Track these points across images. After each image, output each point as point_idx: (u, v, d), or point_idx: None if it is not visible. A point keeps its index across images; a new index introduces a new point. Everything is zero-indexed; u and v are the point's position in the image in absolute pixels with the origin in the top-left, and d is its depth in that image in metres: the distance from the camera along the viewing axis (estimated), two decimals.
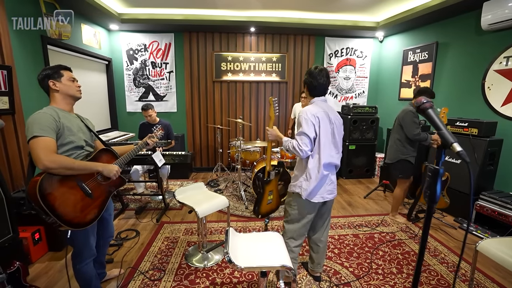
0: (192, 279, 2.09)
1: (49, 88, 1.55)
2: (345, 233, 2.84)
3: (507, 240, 1.73)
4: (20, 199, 2.27)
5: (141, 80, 4.75)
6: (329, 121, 1.77)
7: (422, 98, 0.81)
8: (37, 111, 1.48)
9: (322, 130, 1.72)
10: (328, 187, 1.82)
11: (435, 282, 2.08)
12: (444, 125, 0.73)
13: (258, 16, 4.24)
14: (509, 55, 2.95)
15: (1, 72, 2.40)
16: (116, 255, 2.38)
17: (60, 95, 1.57)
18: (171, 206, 3.47)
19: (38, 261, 2.29)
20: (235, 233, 1.69)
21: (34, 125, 1.39)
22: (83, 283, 1.71)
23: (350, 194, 4.01)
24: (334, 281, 2.09)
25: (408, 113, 2.80)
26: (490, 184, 3.10)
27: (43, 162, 1.35)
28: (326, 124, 1.75)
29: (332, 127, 1.78)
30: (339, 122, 1.86)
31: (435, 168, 0.71)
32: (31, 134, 1.38)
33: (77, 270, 1.65)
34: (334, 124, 1.79)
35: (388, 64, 4.94)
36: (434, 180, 0.72)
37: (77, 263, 1.64)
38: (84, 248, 1.62)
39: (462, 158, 0.67)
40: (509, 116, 2.98)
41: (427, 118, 0.79)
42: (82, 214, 1.49)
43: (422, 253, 0.87)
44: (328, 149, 1.76)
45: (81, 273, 1.66)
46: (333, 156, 1.79)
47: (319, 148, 1.73)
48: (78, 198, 1.48)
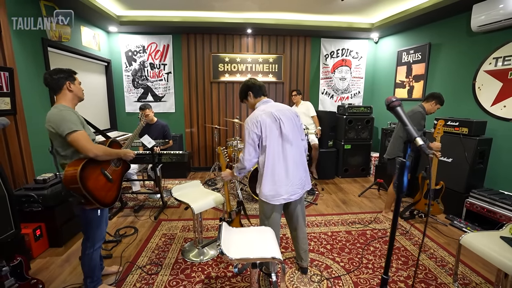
0: (188, 273, 2.16)
1: (62, 88, 1.69)
2: (338, 230, 2.91)
3: (489, 234, 1.80)
4: (22, 197, 2.34)
5: (139, 81, 4.83)
6: (274, 119, 1.81)
7: (391, 97, 0.89)
8: (56, 109, 1.63)
9: (267, 131, 1.79)
10: (289, 188, 1.85)
11: (422, 276, 2.16)
12: (410, 122, 0.81)
13: (254, 18, 4.32)
14: (499, 56, 3.03)
15: (3, 74, 2.47)
16: (115, 251, 2.46)
17: (72, 95, 1.73)
18: (168, 204, 3.55)
19: (39, 257, 2.36)
20: (228, 228, 1.76)
21: (67, 122, 1.58)
22: (89, 269, 1.83)
23: (345, 192, 4.09)
24: (325, 275, 2.16)
25: (417, 113, 2.89)
26: (480, 182, 3.18)
27: (92, 151, 1.63)
28: (269, 124, 1.80)
29: (278, 123, 1.81)
30: (289, 115, 1.88)
31: (402, 161, 0.79)
32: (70, 129, 1.57)
33: (88, 255, 1.80)
34: (280, 120, 1.82)
35: (383, 64, 5.01)
36: (402, 172, 0.79)
37: (90, 247, 1.80)
38: (97, 230, 1.81)
39: (423, 151, 0.74)
40: (499, 116, 3.05)
41: (395, 114, 0.87)
42: (108, 195, 1.78)
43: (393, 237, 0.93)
44: (277, 146, 1.82)
45: (91, 259, 1.81)
46: (287, 149, 1.83)
47: (268, 148, 1.80)
48: (104, 182, 1.77)
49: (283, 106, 1.94)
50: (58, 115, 1.61)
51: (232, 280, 2.09)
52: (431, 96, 2.96)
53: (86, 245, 1.81)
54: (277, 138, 1.82)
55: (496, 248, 1.63)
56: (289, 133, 1.84)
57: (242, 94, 2.00)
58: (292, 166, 1.86)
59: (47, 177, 2.53)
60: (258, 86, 1.95)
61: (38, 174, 2.76)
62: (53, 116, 1.61)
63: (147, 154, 3.20)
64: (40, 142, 2.99)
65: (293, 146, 1.86)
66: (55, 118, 1.60)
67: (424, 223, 3.07)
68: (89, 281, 1.86)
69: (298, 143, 1.91)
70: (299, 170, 1.91)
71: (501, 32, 2.98)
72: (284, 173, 1.84)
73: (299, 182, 1.91)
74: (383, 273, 0.93)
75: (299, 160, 1.91)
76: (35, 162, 2.85)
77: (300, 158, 1.92)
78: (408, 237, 2.77)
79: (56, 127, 1.60)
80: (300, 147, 1.93)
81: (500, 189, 3.00)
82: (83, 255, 1.82)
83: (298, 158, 1.91)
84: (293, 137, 1.86)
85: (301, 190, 1.94)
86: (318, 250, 2.51)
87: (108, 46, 4.65)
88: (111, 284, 2.01)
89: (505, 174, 3.01)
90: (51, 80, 1.68)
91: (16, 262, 1.69)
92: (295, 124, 1.90)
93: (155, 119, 3.76)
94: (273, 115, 1.82)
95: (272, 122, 1.81)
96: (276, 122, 1.82)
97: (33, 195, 2.34)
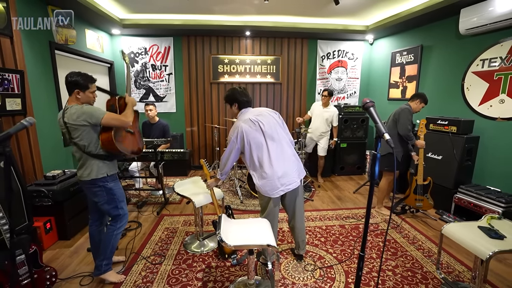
0: (189, 263, 2.30)
1: (72, 92, 1.87)
2: (332, 224, 3.06)
3: (468, 224, 1.94)
4: (33, 192, 2.48)
5: (141, 82, 4.97)
6: (253, 123, 1.98)
7: (366, 99, 1.03)
8: (79, 107, 1.84)
9: (250, 138, 1.96)
10: (284, 180, 2.00)
11: (410, 265, 2.30)
12: (380, 120, 0.95)
13: (253, 21, 4.46)
14: (485, 58, 3.17)
15: (15, 76, 2.62)
16: (120, 243, 2.59)
17: (80, 101, 1.91)
18: (170, 200, 3.69)
19: (49, 249, 2.50)
20: (227, 219, 1.91)
21: (96, 111, 1.84)
22: (111, 250, 2.04)
23: (341, 189, 4.23)
24: (318, 264, 2.30)
25: (405, 110, 3.05)
26: (468, 178, 3.32)
27: (128, 122, 1.94)
28: (251, 131, 1.96)
29: (257, 125, 1.98)
30: (266, 114, 2.06)
31: (374, 153, 0.93)
32: (102, 114, 1.84)
33: (114, 235, 2.02)
34: (259, 122, 1.98)
35: (378, 65, 5.16)
36: (374, 162, 0.93)
37: (118, 227, 2.04)
38: (124, 205, 2.06)
39: (389, 144, 0.88)
40: (485, 115, 3.19)
41: (368, 113, 1.01)
42: (135, 146, 2.16)
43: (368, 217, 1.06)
44: (262, 146, 1.97)
45: (116, 238, 2.04)
46: (271, 145, 1.98)
47: (254, 151, 1.97)
48: (130, 137, 2.12)
49: (261, 109, 2.12)
50: (88, 108, 1.83)
51: (231, 270, 2.23)
52: (416, 96, 3.13)
53: (116, 224, 2.03)
54: (260, 139, 1.97)
55: (473, 236, 1.77)
56: (269, 131, 2.00)
57: (228, 100, 2.16)
58: (281, 159, 2.01)
59: (56, 173, 2.67)
60: (246, 102, 2.11)
61: (46, 171, 2.90)
62: (83, 112, 1.80)
63: (150, 152, 3.34)
64: (48, 141, 3.14)
65: (275, 141, 2.02)
66: (86, 112, 1.80)
67: (414, 218, 3.23)
68: (105, 263, 2.03)
69: (281, 137, 2.06)
70: (289, 161, 2.05)
71: (487, 35, 3.12)
72: (273, 168, 1.97)
73: (292, 171, 2.05)
74: (360, 250, 1.08)
75: (286, 153, 2.06)
76: (43, 159, 3.00)
77: (287, 150, 2.07)
78: (398, 230, 2.92)
79: (90, 118, 1.81)
80: (284, 140, 2.08)
81: (487, 185, 3.14)
82: (110, 235, 2.01)
83: (286, 150, 2.06)
84: (275, 133, 2.03)
85: (297, 178, 2.08)
86: (313, 243, 2.66)
87: (111, 48, 4.79)
88: (118, 272, 2.15)
89: (492, 170, 3.15)
90: (67, 82, 1.85)
91: (31, 250, 1.83)
92: (275, 121, 2.07)
93: (157, 118, 3.90)
94: (251, 120, 1.99)
95: (253, 127, 1.98)
96: (255, 124, 1.98)
97: (43, 191, 2.49)
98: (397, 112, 3.13)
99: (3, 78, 2.50)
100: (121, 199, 2.05)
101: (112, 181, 1.98)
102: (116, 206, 2.01)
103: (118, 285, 2.03)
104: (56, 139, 3.32)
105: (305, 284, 2.06)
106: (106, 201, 1.97)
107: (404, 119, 3.01)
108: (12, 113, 2.61)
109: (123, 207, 2.06)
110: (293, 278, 2.12)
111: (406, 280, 2.11)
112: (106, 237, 2.03)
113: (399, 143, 3.09)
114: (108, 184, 1.94)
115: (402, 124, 3.01)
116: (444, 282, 2.07)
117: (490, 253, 1.57)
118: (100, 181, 1.90)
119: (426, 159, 3.45)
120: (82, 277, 2.12)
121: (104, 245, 2.01)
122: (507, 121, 2.97)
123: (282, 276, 2.14)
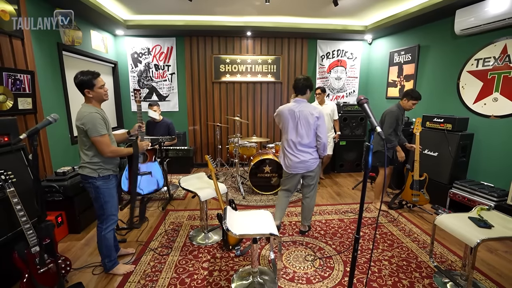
0: (195, 254, 2.42)
1: (84, 93, 1.93)
2: (331, 218, 3.17)
3: (460, 215, 2.05)
4: (45, 187, 2.59)
5: (145, 81, 5.08)
6: (293, 115, 2.49)
7: (361, 96, 1.14)
8: (87, 111, 1.87)
9: (284, 121, 2.54)
10: (297, 164, 2.52)
11: (405, 256, 2.42)
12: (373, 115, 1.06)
13: (254, 21, 4.57)
14: (480, 58, 3.28)
15: (26, 76, 2.73)
16: (128, 236, 2.72)
17: (93, 99, 1.96)
18: (175, 196, 3.81)
19: (60, 241, 2.62)
20: (232, 211, 2.02)
21: (96, 125, 1.85)
22: (106, 249, 2.09)
23: (340, 186, 4.35)
24: (318, 255, 2.42)
25: (390, 114, 3.13)
26: (463, 174, 3.44)
27: (107, 154, 1.93)
28: (286, 117, 2.52)
29: (296, 119, 2.48)
30: (307, 116, 2.47)
31: (367, 144, 1.04)
32: (98, 133, 1.86)
33: (102, 236, 2.05)
34: (298, 118, 2.47)
35: (376, 65, 5.27)
36: (367, 153, 1.04)
37: (104, 228, 2.06)
38: (110, 207, 2.06)
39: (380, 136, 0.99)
40: (480, 113, 3.31)
41: (363, 109, 1.12)
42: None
43: (362, 203, 1.17)
44: (291, 133, 2.52)
45: (106, 239, 2.06)
46: (292, 140, 2.53)
47: (283, 134, 2.61)
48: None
49: (306, 107, 2.50)
50: (90, 117, 1.85)
51: (235, 260, 2.35)
52: (404, 94, 3.18)
53: (103, 225, 2.06)
54: (291, 128, 2.51)
55: (463, 226, 1.89)
56: (300, 127, 2.48)
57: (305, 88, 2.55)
58: (295, 149, 2.52)
59: (66, 170, 2.78)
60: (299, 88, 2.54)
61: (55, 168, 3.02)
62: (85, 118, 1.85)
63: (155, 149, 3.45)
64: (57, 139, 3.26)
65: (298, 136, 2.51)
66: (86, 120, 1.84)
67: (411, 212, 3.34)
68: (107, 260, 2.12)
69: (309, 133, 2.49)
70: (302, 152, 2.52)
71: (481, 36, 3.23)
72: (292, 153, 2.54)
73: (304, 162, 2.53)
74: (355, 233, 1.19)
75: (303, 147, 2.51)
76: (52, 157, 3.11)
77: (303, 145, 2.51)
78: (395, 224, 3.03)
79: (85, 127, 1.84)
80: (308, 138, 2.50)
81: (481, 180, 3.25)
82: (100, 237, 2.06)
83: (303, 145, 2.51)
84: (304, 130, 2.49)
85: (304, 170, 2.56)
86: (313, 235, 2.77)
87: (115, 49, 4.90)
88: (127, 262, 2.27)
89: (485, 166, 3.27)
90: (76, 84, 1.92)
91: (48, 241, 1.94)
92: (308, 122, 2.48)
93: (161, 117, 4.01)
94: (294, 112, 2.49)
95: (290, 116, 2.50)
96: (294, 116, 2.48)
97: (55, 186, 2.60)
98: (384, 113, 3.23)
99: (15, 79, 2.61)
100: (107, 200, 2.02)
101: (101, 180, 1.98)
102: (102, 206, 2.02)
103: (129, 274, 2.14)
104: (64, 137, 3.43)
105: (306, 272, 2.17)
106: (94, 198, 2.02)
107: (387, 122, 3.10)
108: (24, 112, 2.72)
109: (108, 208, 2.05)
110: (294, 267, 2.24)
111: (401, 269, 2.22)
112: (97, 237, 2.09)
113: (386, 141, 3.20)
114: (96, 182, 1.97)
115: (385, 127, 3.11)
116: (437, 270, 2.18)
117: (478, 240, 1.68)
118: (89, 178, 1.97)
119: (423, 156, 3.57)
120: (94, 267, 2.23)
121: (98, 246, 2.10)
122: (500, 118, 3.08)
123: (284, 265, 2.25)
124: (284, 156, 2.61)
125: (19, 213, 1.80)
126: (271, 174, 3.82)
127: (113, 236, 2.18)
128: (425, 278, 2.11)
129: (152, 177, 2.78)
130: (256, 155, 4.05)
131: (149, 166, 2.80)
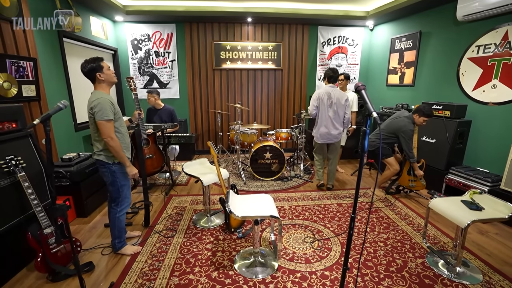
0: (199, 236, 2.53)
1: (95, 78, 1.96)
2: (330, 202, 3.27)
3: (452, 199, 2.14)
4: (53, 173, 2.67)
5: (145, 68, 5.07)
6: (328, 97, 3.30)
7: (359, 83, 1.19)
8: (96, 98, 1.91)
9: (321, 102, 3.33)
10: (327, 136, 3.37)
11: (400, 237, 2.52)
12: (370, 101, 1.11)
13: (255, 7, 4.51)
14: (480, 44, 3.28)
15: (28, 63, 2.75)
16: (134, 220, 2.83)
17: (105, 83, 2.01)
18: (177, 182, 3.90)
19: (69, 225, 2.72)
20: (234, 194, 2.10)
21: (103, 110, 1.88)
22: (119, 231, 2.21)
23: (339, 172, 4.43)
24: (316, 237, 2.53)
25: (407, 131, 3.09)
26: (460, 160, 3.51)
27: (106, 137, 1.92)
28: (324, 99, 3.32)
29: (330, 101, 3.29)
30: (339, 98, 3.29)
31: (364, 129, 1.10)
32: (107, 116, 1.90)
33: (116, 218, 2.17)
34: (333, 99, 3.29)
35: (377, 51, 5.24)
36: (364, 137, 1.10)
37: (119, 210, 2.17)
38: (126, 189, 2.17)
39: (376, 122, 1.05)
40: (478, 100, 3.34)
41: (360, 95, 1.17)
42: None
43: (358, 184, 1.24)
44: (325, 112, 3.34)
45: (119, 220, 2.18)
46: (330, 114, 3.33)
47: (319, 111, 3.38)
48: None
49: (339, 92, 3.33)
50: (98, 102, 1.90)
51: (237, 242, 2.45)
52: (416, 110, 3.13)
53: (117, 207, 2.17)
54: (326, 107, 3.32)
55: (456, 208, 1.97)
56: (334, 106, 3.28)
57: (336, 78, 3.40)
58: (330, 123, 3.34)
59: (72, 156, 2.85)
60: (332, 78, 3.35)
61: (60, 154, 3.09)
62: (94, 102, 1.90)
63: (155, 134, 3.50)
64: (61, 126, 3.31)
65: (334, 113, 3.32)
66: (95, 104, 1.90)
67: (408, 198, 3.44)
68: (117, 241, 2.23)
69: (340, 112, 3.32)
70: (334, 127, 3.35)
71: (483, 22, 3.22)
72: (325, 126, 3.35)
73: (333, 133, 3.37)
74: (352, 212, 1.27)
75: (336, 122, 3.34)
76: (57, 143, 3.17)
77: (337, 121, 3.34)
78: (392, 208, 3.13)
79: (93, 110, 1.91)
80: (339, 116, 3.33)
81: (477, 166, 3.33)
82: (113, 217, 2.17)
83: (336, 121, 3.34)
84: (336, 109, 3.30)
85: (334, 139, 3.42)
86: (312, 219, 2.87)
87: (115, 35, 4.86)
88: (134, 244, 2.38)
89: (482, 152, 3.33)
90: (85, 73, 1.96)
91: (59, 222, 2.03)
92: (340, 104, 3.30)
93: (162, 104, 4.04)
94: (331, 95, 3.29)
95: (327, 97, 3.30)
96: (330, 98, 3.29)
97: (62, 172, 2.68)
98: (402, 127, 3.13)
99: (19, 66, 2.63)
100: (123, 183, 2.14)
101: (117, 165, 2.07)
102: (118, 189, 2.12)
103: (136, 254, 2.25)
104: (68, 124, 3.48)
105: (305, 253, 2.28)
106: (110, 183, 2.11)
107: (408, 140, 3.11)
108: (28, 99, 2.76)
109: (125, 191, 2.17)
110: (293, 248, 2.34)
111: (396, 250, 2.33)
112: (110, 219, 2.20)
113: (387, 144, 3.34)
114: (112, 167, 2.06)
115: (406, 145, 3.12)
116: (429, 251, 2.29)
117: (468, 221, 1.77)
118: (106, 164, 2.04)
119: (421, 142, 3.64)
120: (102, 248, 2.34)
121: (111, 227, 2.21)
122: (498, 105, 3.12)
123: (284, 246, 2.36)
124: (319, 128, 3.40)
125: (30, 197, 1.88)
126: (271, 161, 3.89)
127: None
128: (418, 258, 2.22)
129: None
130: (257, 142, 4.11)
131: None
